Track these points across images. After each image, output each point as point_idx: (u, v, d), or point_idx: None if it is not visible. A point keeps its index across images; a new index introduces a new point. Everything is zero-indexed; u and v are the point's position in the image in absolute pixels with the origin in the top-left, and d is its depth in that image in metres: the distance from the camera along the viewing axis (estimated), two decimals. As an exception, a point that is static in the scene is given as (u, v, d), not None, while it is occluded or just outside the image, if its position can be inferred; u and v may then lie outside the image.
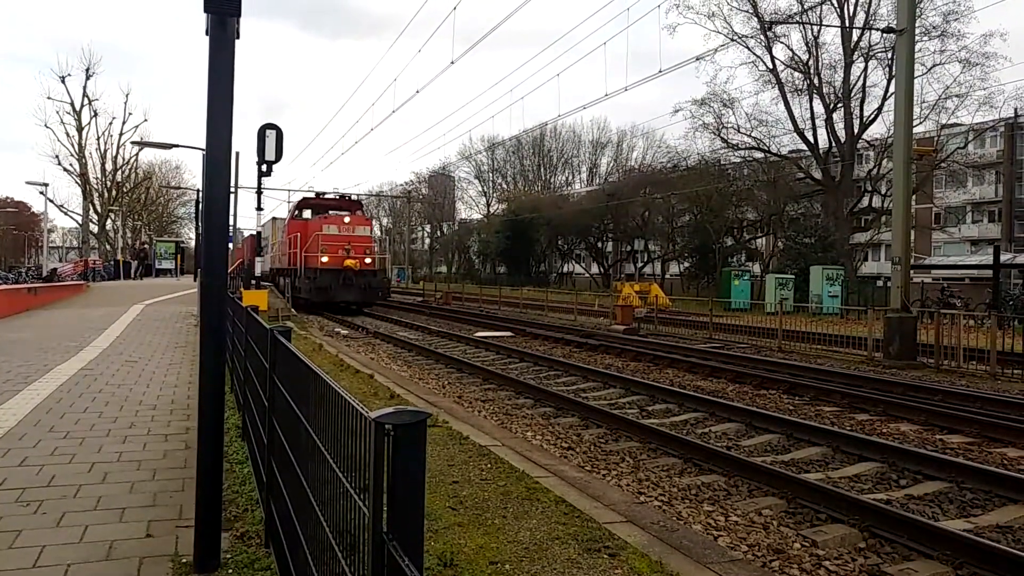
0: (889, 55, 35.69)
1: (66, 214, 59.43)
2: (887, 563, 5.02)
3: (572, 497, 5.41)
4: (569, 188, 77.30)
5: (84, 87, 55.35)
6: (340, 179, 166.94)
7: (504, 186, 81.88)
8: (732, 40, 39.96)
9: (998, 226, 61.30)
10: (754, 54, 41.23)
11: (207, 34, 3.05)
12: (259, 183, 19.95)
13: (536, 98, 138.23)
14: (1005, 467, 7.32)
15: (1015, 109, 44.19)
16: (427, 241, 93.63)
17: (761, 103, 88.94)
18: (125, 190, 64.59)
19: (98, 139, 60.82)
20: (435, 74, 43.76)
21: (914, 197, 30.27)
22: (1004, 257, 33.13)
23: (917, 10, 22.63)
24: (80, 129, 55.21)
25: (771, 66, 40.91)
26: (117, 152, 60.21)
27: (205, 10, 3.02)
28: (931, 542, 5.09)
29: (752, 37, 40.28)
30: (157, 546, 4.01)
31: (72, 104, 54.95)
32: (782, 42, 41.05)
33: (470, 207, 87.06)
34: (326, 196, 33.87)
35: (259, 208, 21.55)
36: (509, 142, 74.70)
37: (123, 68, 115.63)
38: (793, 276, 34.35)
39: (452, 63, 25.56)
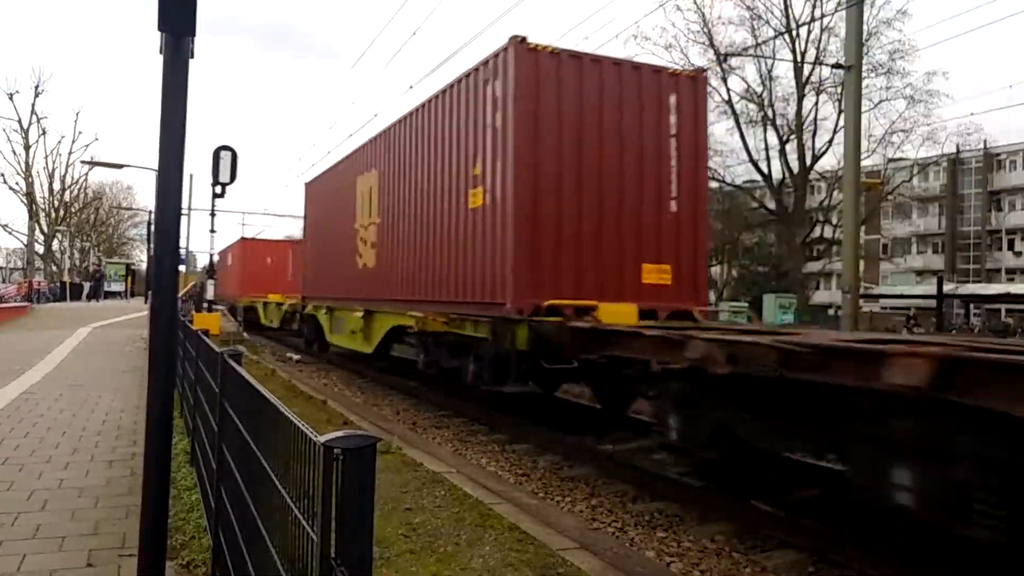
0: (839, 90, 36.80)
1: (10, 234, 57.95)
2: (836, 587, 5.09)
3: (526, 524, 5.39)
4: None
5: (33, 105, 54.41)
6: (297, 202, 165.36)
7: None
8: (688, 72, 40.78)
9: (941, 257, 63.26)
10: (710, 85, 42.15)
11: (160, 53, 3.02)
12: (213, 205, 19.71)
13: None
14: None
15: (957, 145, 45.81)
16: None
17: (716, 133, 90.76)
18: (73, 210, 63.22)
19: (46, 158, 59.71)
20: (394, 98, 44.07)
21: (863, 228, 31.17)
22: (947, 287, 34.31)
23: (864, 47, 23.50)
24: (27, 147, 54.16)
25: (727, 97, 41.84)
26: (66, 171, 59.10)
27: (159, 29, 2.98)
28: (878, 565, 5.17)
29: (708, 68, 41.19)
30: (98, 576, 3.89)
31: (20, 122, 53.90)
32: (737, 74, 41.99)
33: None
34: None
35: (212, 230, 21.28)
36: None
37: (74, 85, 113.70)
38: (747, 304, 34.97)
39: (411, 88, 25.64)
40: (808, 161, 41.36)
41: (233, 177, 13.60)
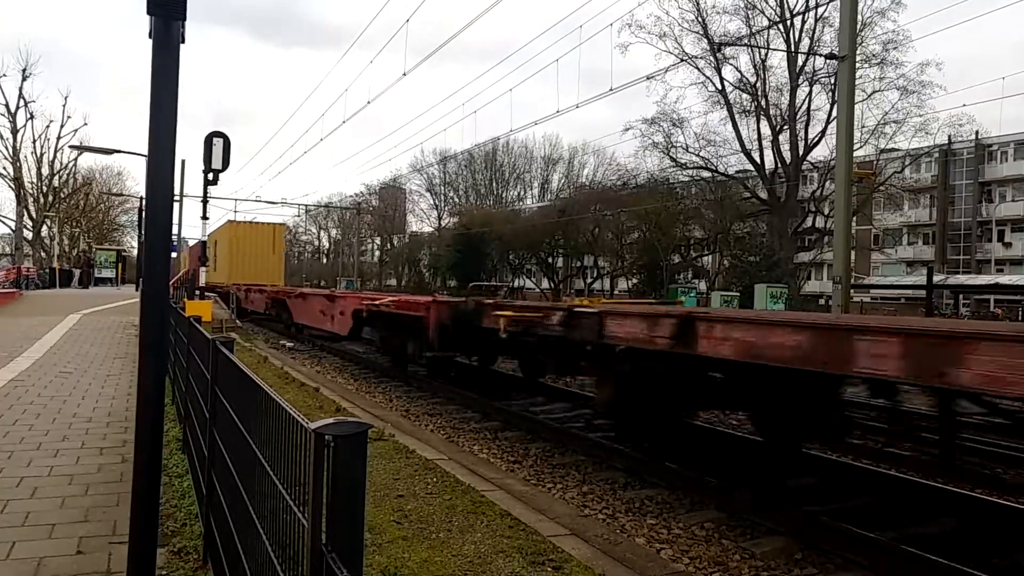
0: (832, 80, 36.79)
1: (-2, 220, 57.42)
2: (822, 573, 5.13)
3: (517, 511, 5.41)
4: (520, 203, 77.54)
5: (20, 88, 53.85)
6: (289, 189, 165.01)
7: (456, 200, 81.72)
8: (682, 60, 40.71)
9: (932, 248, 63.53)
10: (704, 75, 42.07)
11: (150, 37, 2.98)
12: (205, 191, 19.58)
13: (488, 112, 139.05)
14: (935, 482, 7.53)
15: (949, 136, 45.89)
16: (376, 254, 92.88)
17: (710, 123, 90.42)
18: (62, 196, 62.78)
19: (34, 142, 59.00)
20: (386, 86, 43.96)
21: (854, 219, 31.22)
22: (937, 278, 34.51)
23: (858, 38, 23.52)
24: (15, 131, 53.75)
25: (720, 87, 41.82)
26: (54, 156, 58.61)
27: (148, 12, 2.95)
28: (865, 551, 5.22)
29: (702, 58, 41.14)
30: (88, 563, 3.89)
31: (7, 106, 53.44)
32: (731, 64, 41.94)
33: (421, 220, 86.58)
34: None
35: (205, 217, 21.12)
36: (461, 156, 74.62)
37: (63, 69, 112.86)
38: (738, 294, 35.03)
39: (404, 75, 25.43)
40: (801, 151, 41.42)
41: (226, 164, 13.53)
